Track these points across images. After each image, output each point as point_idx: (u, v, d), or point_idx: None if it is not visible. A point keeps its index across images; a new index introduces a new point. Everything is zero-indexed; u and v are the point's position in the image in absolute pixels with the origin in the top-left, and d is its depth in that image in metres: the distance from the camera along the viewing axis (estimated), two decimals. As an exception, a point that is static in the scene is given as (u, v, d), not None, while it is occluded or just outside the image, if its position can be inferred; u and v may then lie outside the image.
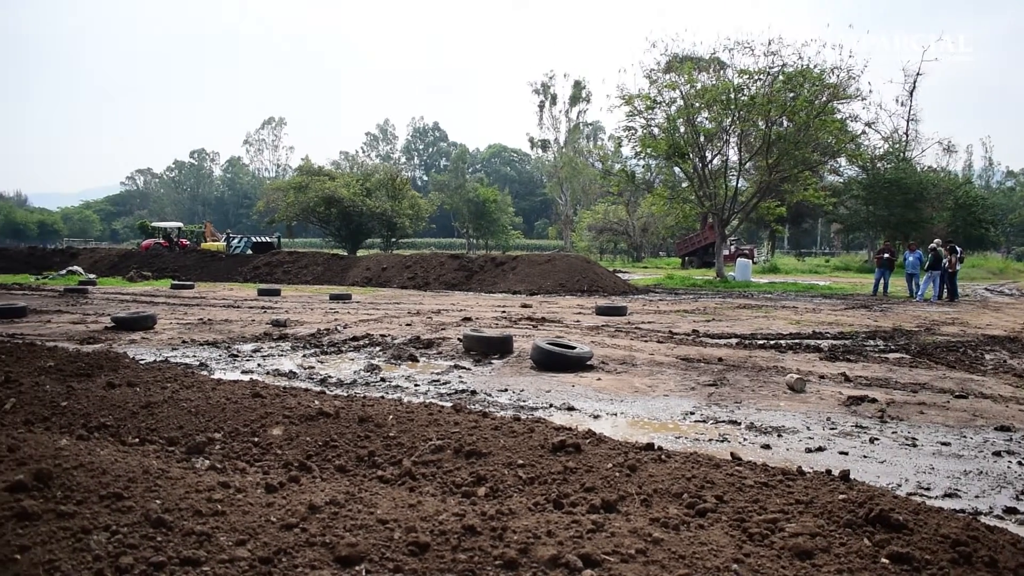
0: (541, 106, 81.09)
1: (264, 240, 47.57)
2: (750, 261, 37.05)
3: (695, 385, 8.85)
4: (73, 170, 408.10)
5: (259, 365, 9.93)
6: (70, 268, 36.11)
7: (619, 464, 4.21)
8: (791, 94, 30.64)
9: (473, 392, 8.29)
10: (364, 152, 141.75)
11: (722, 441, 6.36)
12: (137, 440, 4.73)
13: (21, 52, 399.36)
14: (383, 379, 9.01)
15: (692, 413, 7.45)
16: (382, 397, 6.73)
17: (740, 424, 6.98)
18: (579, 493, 3.87)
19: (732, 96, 31.22)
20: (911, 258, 25.41)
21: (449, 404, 6.40)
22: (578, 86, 79.01)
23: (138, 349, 10.97)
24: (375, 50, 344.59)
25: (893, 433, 6.70)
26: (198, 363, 9.88)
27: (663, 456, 4.43)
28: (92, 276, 32.00)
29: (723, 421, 7.10)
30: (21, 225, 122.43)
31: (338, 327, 14.07)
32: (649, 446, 4.65)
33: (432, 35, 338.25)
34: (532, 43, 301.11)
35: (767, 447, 6.15)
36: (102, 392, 6.15)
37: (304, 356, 10.74)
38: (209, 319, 15.46)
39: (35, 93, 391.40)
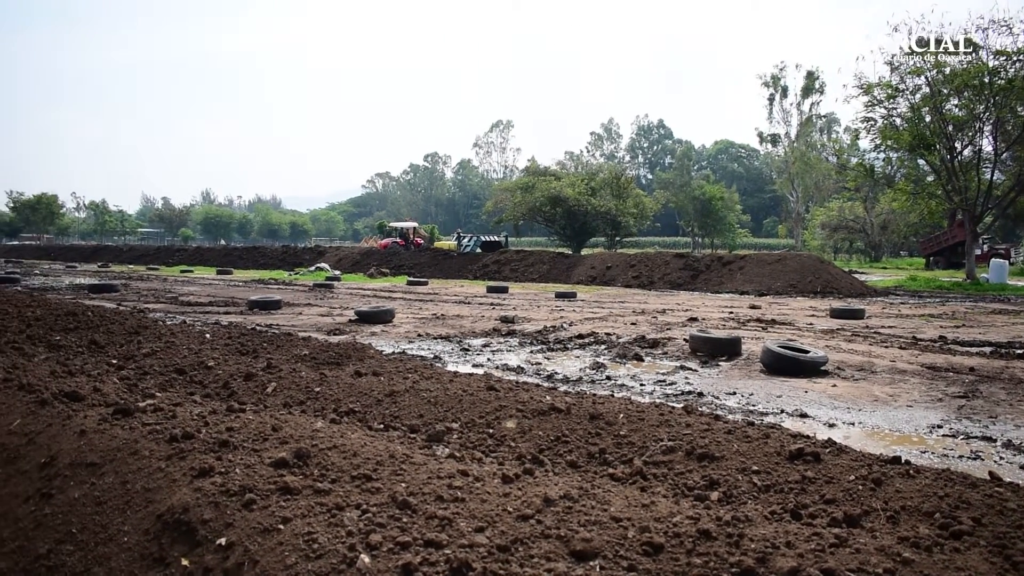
0: (771, 99, 77.99)
1: (492, 239, 49.21)
2: (1006, 262, 33.83)
3: (942, 396, 8.17)
4: (321, 175, 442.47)
5: (488, 359, 10.26)
6: (318, 265, 39.11)
7: (862, 477, 3.97)
8: (1057, 75, 27.59)
9: (700, 394, 8.13)
10: (589, 152, 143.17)
11: (975, 459, 5.83)
12: (382, 426, 5.03)
13: (282, 78, 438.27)
14: (608, 377, 9.04)
15: (939, 426, 6.89)
16: (611, 395, 6.76)
17: (995, 441, 6.36)
18: (818, 504, 3.68)
19: (986, 80, 28.58)
20: None
21: (679, 405, 6.31)
22: (811, 77, 75.17)
23: (378, 341, 11.66)
24: (600, 49, 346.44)
25: None
26: (432, 356, 10.36)
27: (911, 471, 4.12)
28: (337, 272, 34.48)
29: (975, 437, 6.50)
30: (276, 226, 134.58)
31: (563, 324, 14.27)
32: (895, 459, 4.35)
33: (656, 31, 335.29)
34: (761, 34, 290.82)
35: (1029, 467, 5.58)
36: (350, 380, 6.60)
37: (531, 352, 10.98)
38: (442, 314, 16.18)
39: (289, 108, 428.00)
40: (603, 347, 11.37)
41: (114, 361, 7.40)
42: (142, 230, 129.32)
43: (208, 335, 9.21)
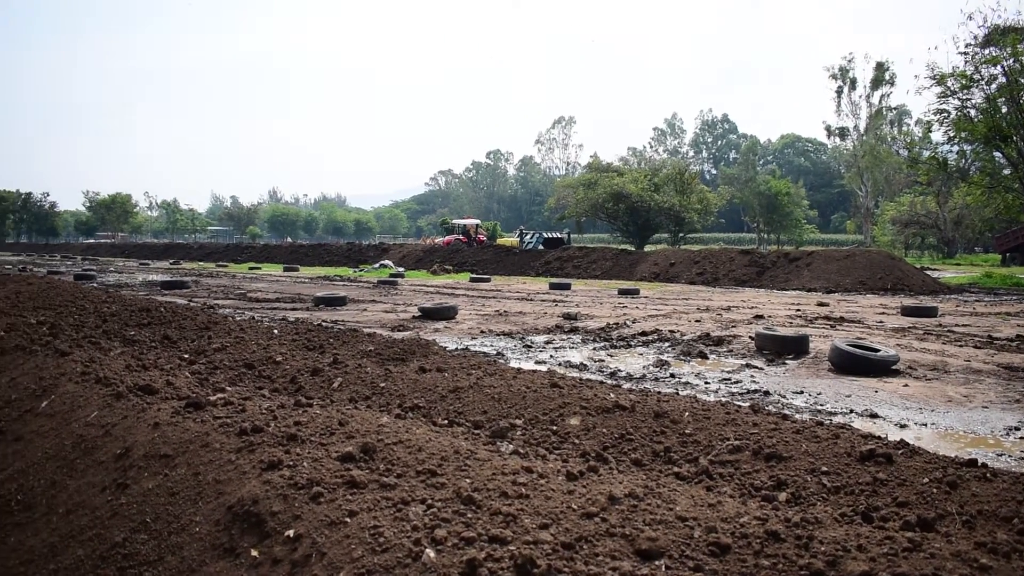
0: (839, 91, 75.99)
1: (555, 236, 49.14)
2: (1089, 258, 32.53)
3: (1020, 397, 7.89)
4: (385, 173, 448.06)
5: (551, 356, 10.24)
6: (382, 262, 39.54)
7: (936, 479, 3.85)
8: None
9: (767, 393, 8.00)
10: (652, 147, 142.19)
11: (1055, 462, 5.64)
12: (446, 422, 5.05)
13: (349, 79, 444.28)
14: (672, 375, 8.95)
15: (1017, 428, 6.65)
16: (675, 393, 6.68)
17: (1079, 445, 6.15)
18: (890, 507, 3.59)
19: (1069, 69, 27.52)
20: None
21: (745, 404, 6.22)
22: (881, 68, 73.13)
23: (442, 337, 11.73)
24: (664, 44, 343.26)
25: None
26: (495, 352, 10.39)
27: (988, 474, 3.98)
28: (400, 269, 34.81)
29: (1057, 440, 6.29)
30: (341, 223, 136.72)
31: (626, 322, 14.18)
32: (972, 462, 4.21)
33: (721, 25, 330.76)
34: (828, 25, 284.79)
35: (1115, 473, 5.35)
36: (414, 376, 6.65)
37: (593, 349, 10.93)
38: (504, 311, 16.21)
39: (355, 107, 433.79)
40: (667, 344, 11.26)
41: (186, 356, 7.57)
42: (212, 228, 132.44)
43: (276, 331, 9.37)
